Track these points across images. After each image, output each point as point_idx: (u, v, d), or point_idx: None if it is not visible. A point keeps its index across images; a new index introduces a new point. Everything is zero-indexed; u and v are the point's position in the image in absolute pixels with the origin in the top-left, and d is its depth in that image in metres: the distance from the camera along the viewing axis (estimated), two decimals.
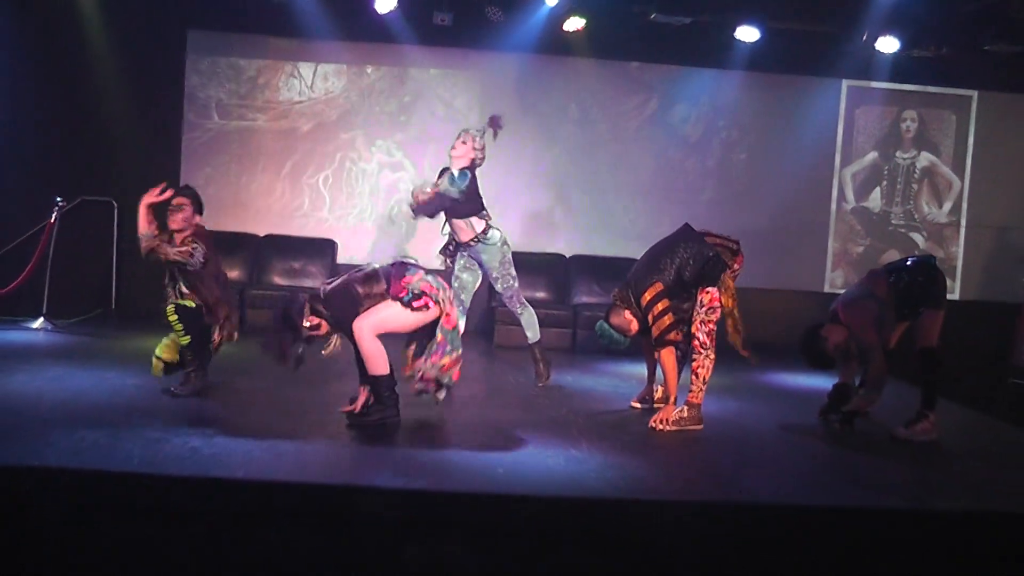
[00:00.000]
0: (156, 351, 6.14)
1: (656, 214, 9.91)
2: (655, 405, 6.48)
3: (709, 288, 6.00)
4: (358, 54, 9.93)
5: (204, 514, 4.27)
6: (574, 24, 9.33)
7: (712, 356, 6.01)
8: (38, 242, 8.76)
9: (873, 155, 10.46)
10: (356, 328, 5.41)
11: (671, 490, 4.95)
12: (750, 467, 5.42)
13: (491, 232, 6.98)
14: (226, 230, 9.33)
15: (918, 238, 10.48)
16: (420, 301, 5.43)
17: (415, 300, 5.42)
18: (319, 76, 9.94)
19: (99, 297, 9.49)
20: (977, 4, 8.82)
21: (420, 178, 8.92)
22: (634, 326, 6.14)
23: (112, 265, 9.53)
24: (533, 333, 7.18)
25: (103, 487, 4.33)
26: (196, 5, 9.58)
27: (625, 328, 6.15)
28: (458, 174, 6.83)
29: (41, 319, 8.55)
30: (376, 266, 5.60)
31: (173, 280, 6.13)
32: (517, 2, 9.24)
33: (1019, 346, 9.34)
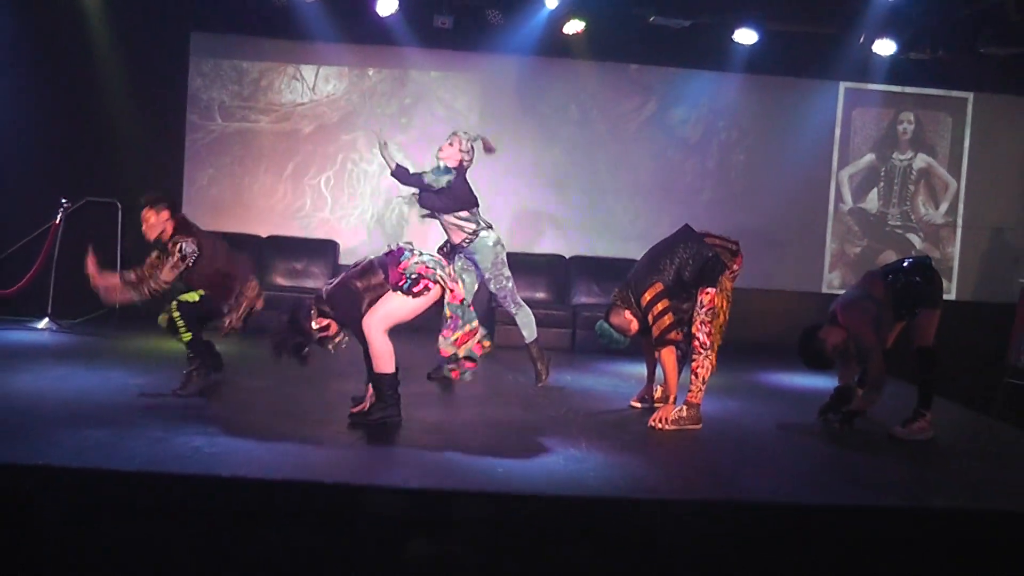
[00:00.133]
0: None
1: (655, 215, 9.93)
2: (655, 404, 6.50)
3: (708, 288, 6.02)
4: (359, 56, 9.93)
5: (206, 513, 4.31)
6: (574, 26, 9.32)
7: (711, 357, 6.02)
8: (43, 243, 8.78)
9: (870, 156, 10.47)
10: (365, 326, 5.42)
11: (670, 489, 4.96)
12: (749, 466, 5.42)
13: (484, 233, 7.00)
14: (228, 231, 9.27)
15: (915, 239, 10.48)
16: (419, 286, 5.42)
17: (414, 286, 5.41)
18: (321, 78, 9.95)
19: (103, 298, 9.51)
20: (973, 7, 8.80)
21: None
22: (634, 326, 6.17)
23: (116, 266, 9.28)
24: (529, 332, 7.18)
25: (106, 486, 4.35)
26: (199, 8, 9.58)
27: (625, 328, 6.18)
28: (443, 167, 6.91)
29: (46, 319, 8.59)
30: (371, 258, 5.59)
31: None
32: (517, 5, 9.23)
33: (1015, 346, 9.35)
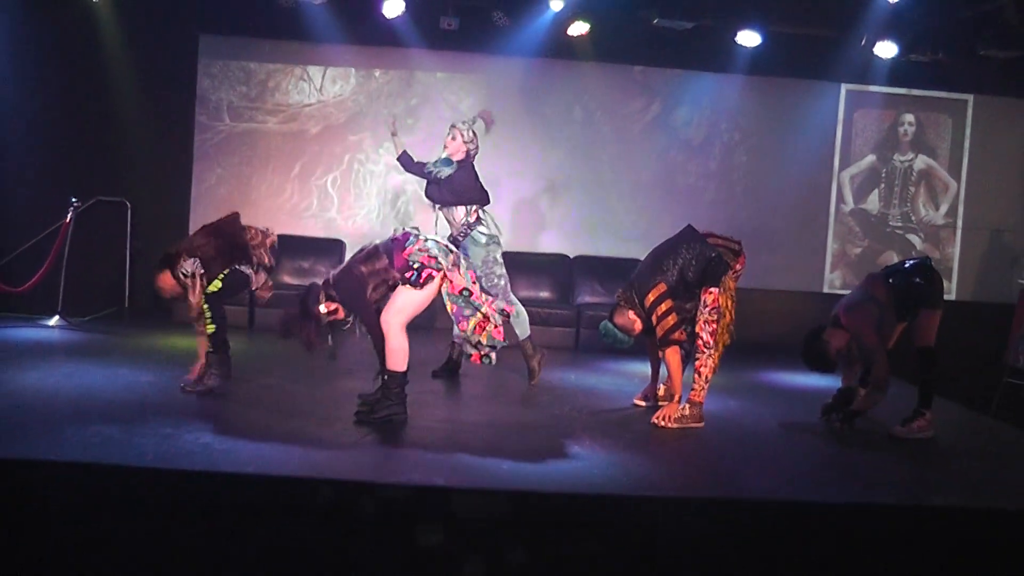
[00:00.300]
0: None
1: (658, 215, 9.94)
2: (658, 403, 6.52)
3: (712, 288, 6.04)
4: (366, 58, 9.95)
5: (214, 509, 4.34)
6: (578, 28, 9.31)
7: (715, 356, 6.06)
8: (54, 241, 8.81)
9: (871, 158, 10.48)
10: (384, 324, 5.47)
11: (673, 487, 5.00)
12: (750, 464, 5.44)
13: (478, 229, 7.02)
14: None
15: (915, 239, 10.49)
16: (423, 275, 5.45)
17: (419, 278, 5.45)
18: (328, 79, 9.97)
19: (113, 295, 9.51)
20: (973, 10, 8.81)
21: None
22: (638, 326, 6.19)
23: (125, 264, 9.54)
24: (522, 330, 7.15)
25: (115, 482, 4.38)
26: (208, 10, 9.59)
27: (629, 328, 6.20)
28: (445, 158, 6.96)
29: (56, 316, 8.61)
30: (376, 243, 5.62)
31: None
32: (522, 7, 9.23)
33: (1013, 346, 9.39)
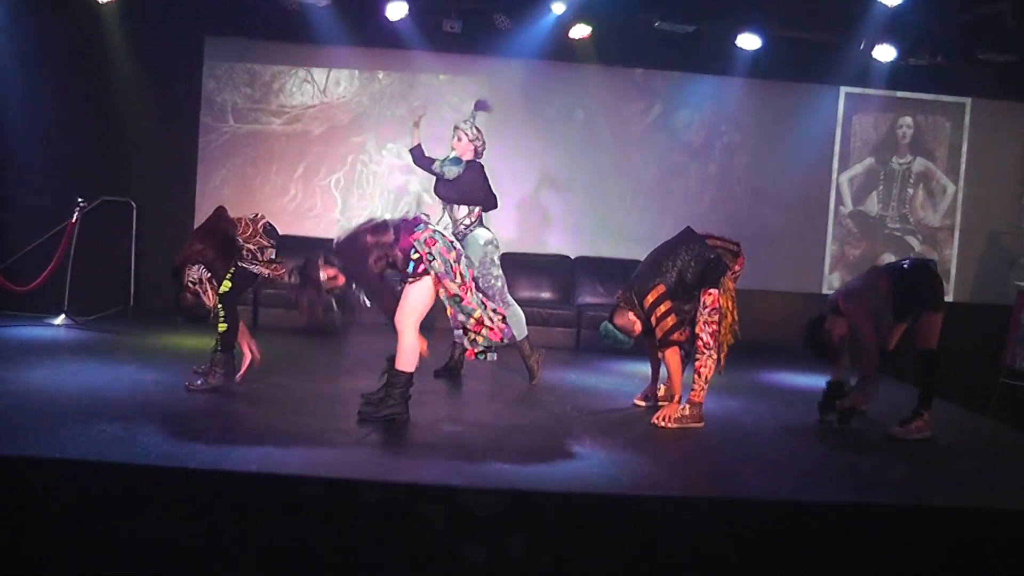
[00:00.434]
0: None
1: (659, 216, 9.99)
2: (658, 403, 6.55)
3: (711, 290, 6.07)
4: (370, 60, 9.97)
5: (217, 507, 4.34)
6: (580, 31, 9.34)
7: (715, 356, 6.08)
8: (60, 241, 8.82)
9: (870, 160, 10.51)
10: (397, 323, 5.51)
11: (672, 486, 4.99)
12: (750, 464, 5.45)
13: (478, 230, 7.04)
14: None
15: (913, 241, 10.52)
16: (419, 268, 5.48)
17: (415, 269, 5.48)
18: (332, 81, 10.00)
19: (118, 295, 9.53)
20: (971, 15, 8.86)
21: (428, 181, 9.03)
22: (637, 327, 6.21)
23: (131, 264, 9.55)
24: (519, 331, 7.11)
25: (120, 480, 4.38)
26: (213, 13, 9.60)
27: (629, 329, 6.23)
28: (453, 159, 7.00)
29: (62, 315, 8.63)
30: (387, 217, 5.64)
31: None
32: (524, 10, 9.26)
33: (1010, 347, 9.47)
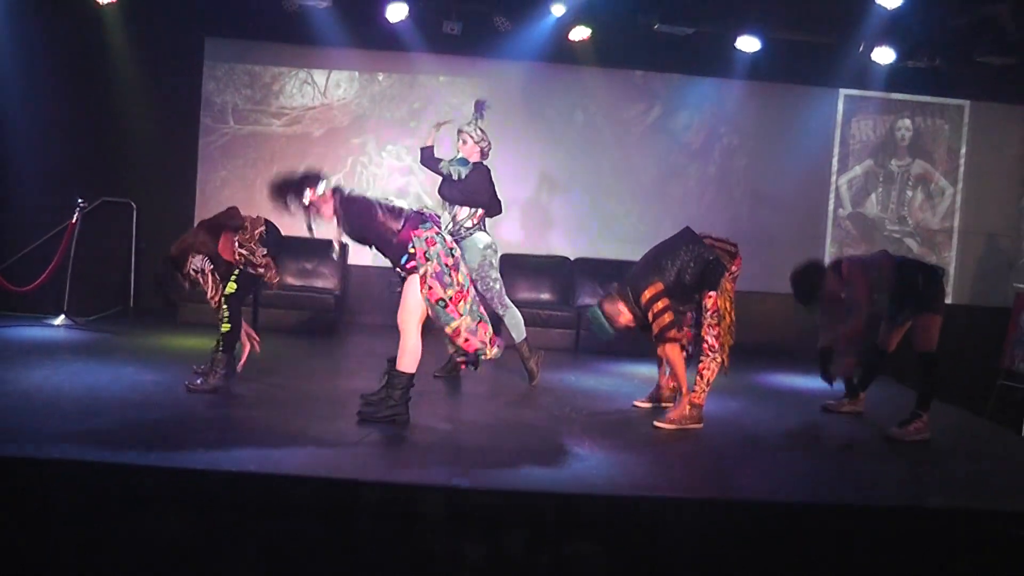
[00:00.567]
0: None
1: (658, 218, 9.96)
2: (662, 405, 6.59)
3: (710, 292, 6.08)
4: (370, 61, 9.98)
5: (216, 507, 4.36)
6: (580, 33, 9.36)
7: (719, 359, 6.09)
8: (60, 241, 8.85)
9: (869, 162, 10.51)
10: (400, 324, 5.54)
11: (672, 488, 5.02)
12: (749, 466, 5.50)
13: (478, 234, 7.06)
14: None
15: (912, 244, 10.51)
16: (409, 265, 5.50)
17: (407, 263, 5.49)
18: (332, 83, 10.01)
19: (118, 295, 9.57)
20: (970, 17, 8.87)
21: (429, 183, 9.05)
22: (624, 318, 6.19)
23: (130, 264, 9.58)
24: (518, 333, 7.19)
25: (119, 480, 4.40)
26: (214, 14, 9.60)
27: (615, 317, 6.19)
28: (460, 159, 7.05)
29: (62, 316, 8.65)
30: (405, 207, 5.62)
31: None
32: (524, 12, 9.26)
33: (1009, 349, 9.48)
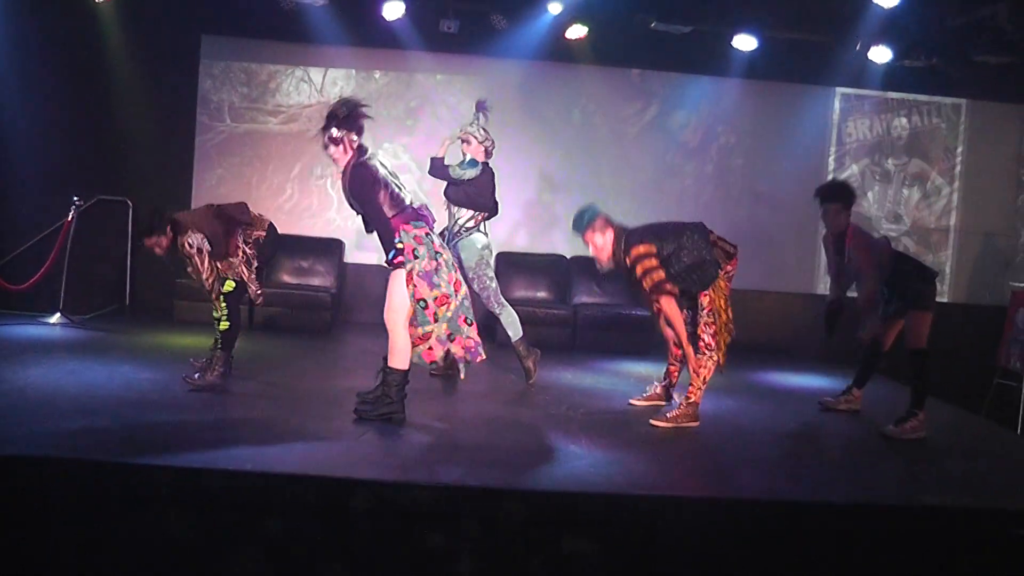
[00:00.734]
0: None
1: (655, 217, 9.49)
2: (658, 403, 6.62)
3: (703, 292, 6.12)
4: (366, 59, 9.99)
5: (214, 506, 4.36)
6: (576, 32, 9.37)
7: (715, 358, 6.10)
8: (56, 240, 8.86)
9: (865, 161, 10.52)
10: (387, 322, 5.53)
11: (668, 486, 5.03)
12: (745, 464, 5.49)
13: (476, 234, 7.07)
14: None
15: (909, 243, 10.51)
16: (396, 260, 5.49)
17: (394, 258, 5.49)
18: (328, 80, 10.01)
19: (114, 293, 9.58)
20: (967, 17, 8.87)
21: (428, 183, 9.03)
22: (602, 250, 6.21)
23: (127, 263, 9.59)
24: (514, 332, 7.20)
25: (116, 479, 4.40)
26: (210, 11, 9.61)
27: (595, 240, 6.23)
28: (469, 161, 7.04)
29: (58, 314, 8.65)
30: (407, 199, 5.57)
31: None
32: (521, 10, 9.27)
33: (1005, 348, 9.49)
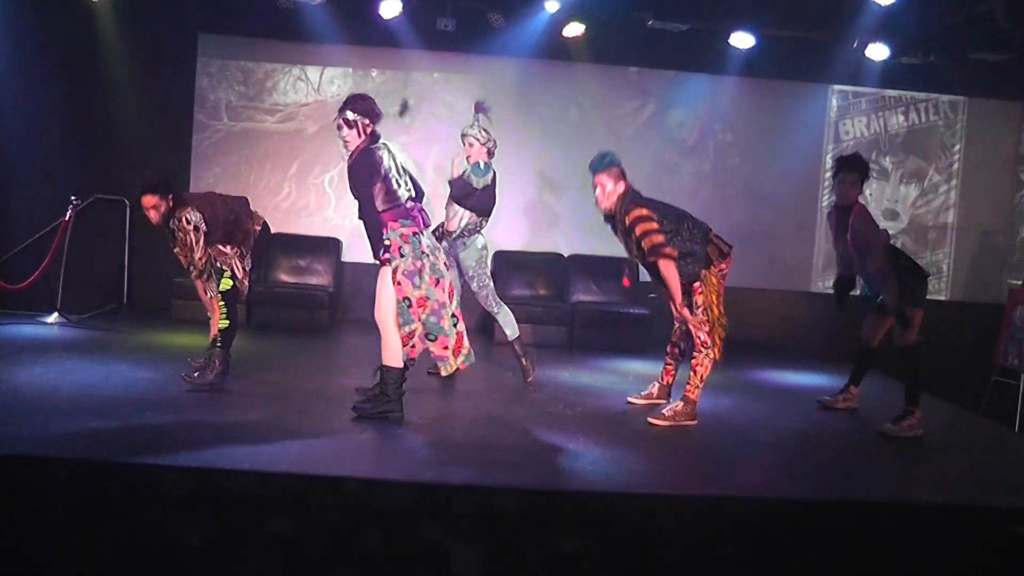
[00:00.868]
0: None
1: None
2: (655, 401, 6.62)
3: (695, 283, 6.13)
4: (363, 58, 9.98)
5: (213, 505, 4.37)
6: (574, 30, 9.36)
7: (711, 356, 6.12)
8: (53, 239, 8.86)
9: None
10: (378, 320, 5.53)
11: (666, 484, 5.06)
12: (743, 462, 5.52)
13: (475, 236, 7.09)
14: None
15: (906, 240, 10.51)
16: (383, 257, 5.49)
17: (382, 255, 5.49)
18: (325, 79, 10.01)
19: (111, 293, 9.58)
20: (965, 14, 8.89)
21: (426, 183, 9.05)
22: (607, 197, 6.27)
23: (124, 262, 9.60)
24: (511, 331, 7.21)
25: (114, 478, 4.41)
26: (207, 10, 9.60)
27: (605, 184, 6.32)
28: (483, 165, 7.04)
29: (56, 314, 8.65)
30: (402, 195, 5.57)
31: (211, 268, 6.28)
32: (518, 8, 9.26)
33: (1002, 345, 9.50)
